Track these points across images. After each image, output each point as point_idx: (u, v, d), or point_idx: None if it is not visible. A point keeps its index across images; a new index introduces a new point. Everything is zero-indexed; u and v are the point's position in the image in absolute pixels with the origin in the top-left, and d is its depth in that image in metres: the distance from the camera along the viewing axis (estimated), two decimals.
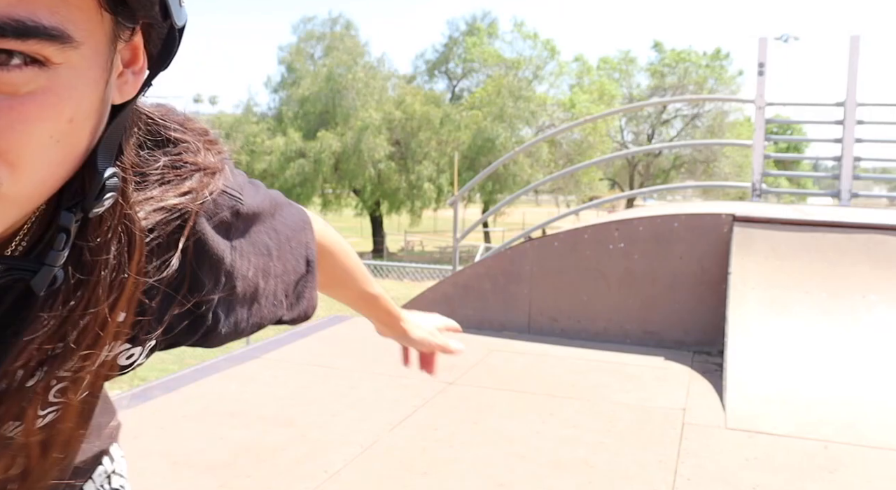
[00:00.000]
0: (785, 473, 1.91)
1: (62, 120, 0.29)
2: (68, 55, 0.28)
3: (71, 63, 0.28)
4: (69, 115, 0.29)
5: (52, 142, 0.29)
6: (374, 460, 1.96)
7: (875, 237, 2.98)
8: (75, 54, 0.28)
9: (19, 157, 0.28)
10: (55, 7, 0.27)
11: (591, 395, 2.56)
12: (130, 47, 0.33)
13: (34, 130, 0.28)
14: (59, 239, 0.34)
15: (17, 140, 0.27)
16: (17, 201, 0.29)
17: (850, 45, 4.40)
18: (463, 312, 3.59)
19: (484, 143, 19.42)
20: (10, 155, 0.27)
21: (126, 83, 0.33)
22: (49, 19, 0.27)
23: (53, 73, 0.28)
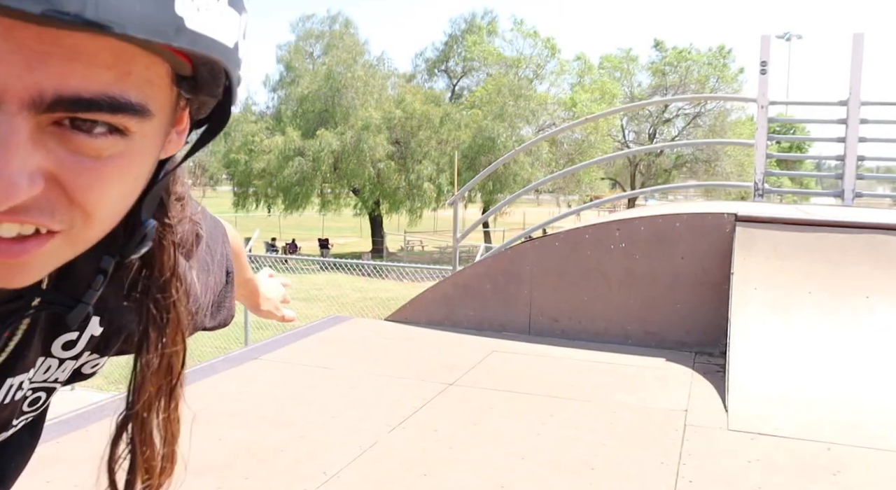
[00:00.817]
0: (787, 475, 1.90)
1: (130, 180, 0.34)
2: (144, 126, 0.33)
3: (144, 132, 0.33)
4: (136, 175, 0.35)
5: (120, 197, 0.34)
6: (373, 461, 1.95)
7: (878, 237, 2.96)
8: (149, 125, 0.33)
9: (95, 210, 0.33)
10: (142, 87, 0.32)
11: (592, 395, 2.54)
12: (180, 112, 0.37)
13: (110, 188, 0.33)
14: (97, 280, 0.40)
15: (96, 196, 0.32)
16: (81, 245, 0.35)
17: (853, 43, 4.38)
18: (463, 312, 3.58)
19: (484, 143, 19.40)
20: (88, 207, 0.33)
21: (171, 142, 0.38)
22: (136, 97, 0.31)
23: (130, 140, 0.32)
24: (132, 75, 0.31)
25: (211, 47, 0.32)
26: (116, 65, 0.30)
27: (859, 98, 4.34)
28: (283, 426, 2.17)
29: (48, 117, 0.30)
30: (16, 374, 0.44)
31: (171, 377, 0.46)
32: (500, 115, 19.68)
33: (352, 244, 22.40)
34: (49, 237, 0.33)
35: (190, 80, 0.34)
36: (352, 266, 9.22)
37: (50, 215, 0.32)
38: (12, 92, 0.29)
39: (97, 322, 0.46)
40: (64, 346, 0.46)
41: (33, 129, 0.30)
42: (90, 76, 0.30)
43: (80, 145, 0.31)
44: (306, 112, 20.15)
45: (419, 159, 19.53)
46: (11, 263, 0.32)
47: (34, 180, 0.30)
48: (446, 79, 24.17)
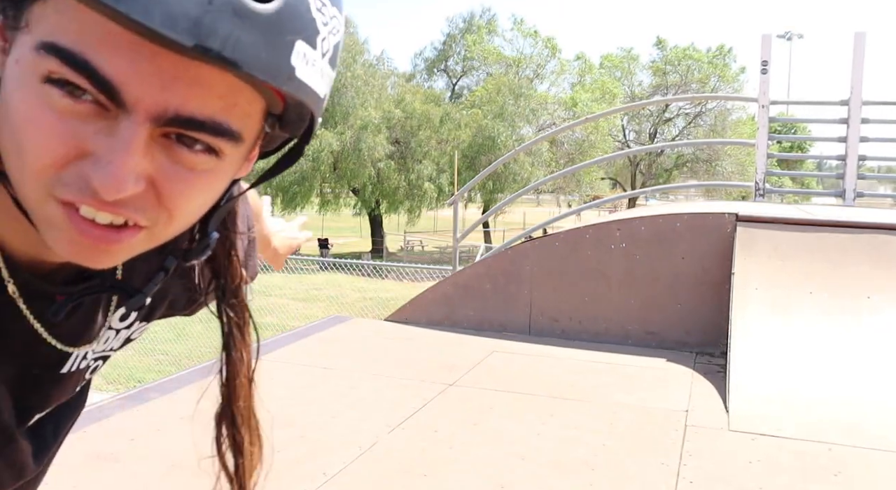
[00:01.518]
0: (788, 476, 1.89)
1: (212, 193, 0.39)
2: (234, 150, 0.38)
3: (232, 155, 0.38)
4: (217, 190, 0.40)
5: (200, 206, 0.40)
6: (373, 461, 1.94)
7: (879, 237, 2.96)
8: (237, 149, 0.38)
9: (178, 213, 0.38)
10: (242, 117, 0.37)
11: (592, 396, 2.54)
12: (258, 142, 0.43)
13: (195, 197, 0.38)
14: (158, 276, 0.47)
15: (182, 201, 0.37)
16: (158, 241, 0.39)
17: (854, 42, 4.37)
18: (463, 312, 3.57)
19: (484, 142, 19.38)
20: (173, 209, 0.37)
21: (243, 167, 0.43)
22: (236, 125, 0.37)
23: (220, 160, 0.38)
24: (237, 107, 0.36)
25: (309, 95, 0.38)
26: (227, 96, 0.35)
27: (861, 97, 4.33)
28: (283, 426, 2.17)
29: (162, 130, 0.35)
30: (81, 345, 0.49)
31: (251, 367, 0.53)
32: (500, 114, 19.66)
33: (351, 244, 22.40)
34: (138, 231, 0.38)
35: (277, 117, 0.40)
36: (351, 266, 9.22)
37: (141, 212, 0.37)
38: (143, 105, 0.34)
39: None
40: (121, 318, 0.52)
41: (149, 138, 0.35)
42: (205, 102, 0.35)
43: (181, 157, 0.36)
44: None
45: (419, 159, 19.52)
46: (103, 248, 0.37)
47: (139, 181, 0.35)
48: (446, 78, 24.17)
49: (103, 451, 1.96)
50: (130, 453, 1.95)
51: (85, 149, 0.34)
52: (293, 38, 0.35)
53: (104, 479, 1.80)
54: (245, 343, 0.52)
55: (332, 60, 0.40)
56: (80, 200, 0.35)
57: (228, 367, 0.52)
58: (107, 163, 0.34)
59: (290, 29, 0.35)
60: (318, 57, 0.37)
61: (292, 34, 0.35)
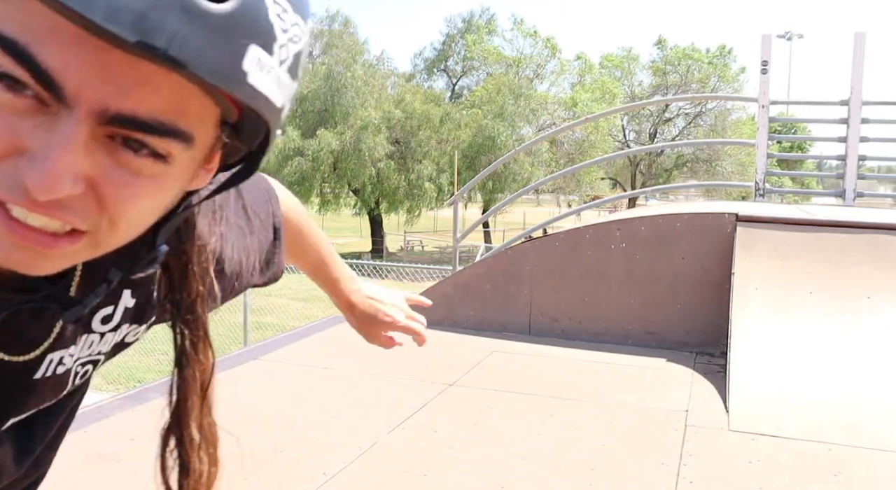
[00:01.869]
0: (788, 476, 1.89)
1: (158, 200, 0.37)
2: (184, 154, 0.36)
3: (182, 160, 0.36)
4: (164, 198, 0.38)
5: (145, 214, 0.38)
6: (373, 461, 1.94)
7: (879, 237, 2.96)
8: (188, 154, 0.36)
9: (121, 220, 0.36)
10: (192, 121, 0.35)
11: (592, 396, 2.54)
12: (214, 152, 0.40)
13: (139, 204, 0.36)
14: (101, 288, 0.44)
15: (125, 207, 0.36)
16: (101, 249, 0.37)
17: (854, 42, 4.37)
18: (463, 313, 3.57)
19: (484, 142, 19.38)
20: (116, 215, 0.36)
21: (199, 177, 0.40)
22: (185, 125, 0.35)
23: (168, 166, 0.36)
24: (187, 110, 0.35)
25: (263, 104, 0.36)
26: (175, 98, 0.34)
27: (861, 97, 4.33)
28: (283, 426, 2.17)
29: (104, 130, 0.33)
30: (54, 350, 0.47)
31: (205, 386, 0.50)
32: (500, 114, 19.66)
33: (351, 244, 22.40)
34: (77, 237, 0.36)
35: (232, 126, 0.38)
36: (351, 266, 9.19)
37: (80, 217, 0.35)
38: (84, 101, 0.32)
39: (129, 295, 0.50)
40: (103, 321, 0.49)
41: (90, 136, 0.33)
42: (150, 103, 0.33)
43: (125, 161, 0.34)
44: (305, 111, 20.13)
45: (419, 159, 19.51)
46: (38, 252, 0.35)
47: (77, 182, 0.33)
48: (446, 78, 24.16)
49: (103, 451, 1.96)
50: (130, 453, 1.95)
51: (21, 145, 0.32)
52: (247, 41, 0.33)
53: (104, 479, 1.80)
54: (199, 361, 0.49)
55: (293, 70, 0.37)
56: (12, 200, 0.33)
57: (179, 385, 0.49)
58: (42, 159, 0.32)
59: (244, 32, 0.33)
60: (275, 64, 0.35)
61: (246, 38, 0.33)
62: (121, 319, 0.51)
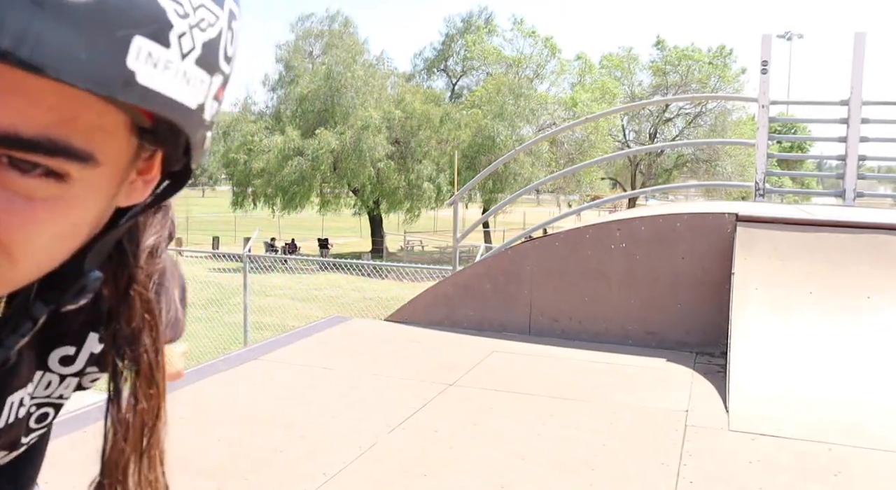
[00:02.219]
0: (788, 476, 1.89)
1: (67, 224, 0.32)
2: (87, 173, 0.31)
3: (88, 179, 0.31)
4: (74, 221, 0.32)
5: (53, 241, 0.32)
6: (373, 461, 1.94)
7: (879, 237, 2.96)
8: (94, 172, 0.31)
9: (20, 252, 0.31)
10: (90, 133, 0.30)
11: (592, 396, 2.54)
12: (147, 161, 0.35)
13: (40, 231, 0.31)
14: (24, 326, 0.37)
15: (23, 238, 0.30)
16: (5, 287, 0.32)
17: (854, 42, 4.37)
18: (463, 312, 3.57)
19: (484, 142, 19.38)
20: (12, 248, 0.30)
21: (135, 190, 0.35)
22: (80, 143, 0.29)
23: (69, 185, 0.30)
24: (79, 121, 0.29)
25: (165, 106, 0.30)
26: (61, 108, 0.28)
27: (861, 97, 4.33)
28: (283, 426, 2.17)
29: None
30: (13, 390, 0.42)
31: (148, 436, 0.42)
32: (499, 114, 19.66)
33: (351, 244, 22.39)
34: None
35: (151, 132, 0.33)
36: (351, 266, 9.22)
37: None
38: None
39: (96, 339, 0.45)
40: (62, 361, 0.45)
41: None
42: (31, 116, 0.28)
43: (12, 183, 0.29)
44: (305, 111, 20.13)
45: (419, 159, 19.51)
46: None
47: None
48: (445, 78, 24.17)
49: None
50: None
51: None
52: (128, 33, 0.28)
53: None
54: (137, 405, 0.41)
55: (206, 61, 0.32)
56: None
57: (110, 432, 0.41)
58: None
59: (122, 22, 0.27)
60: (176, 57, 0.30)
61: (125, 28, 0.28)
62: (85, 363, 0.46)
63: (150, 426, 0.42)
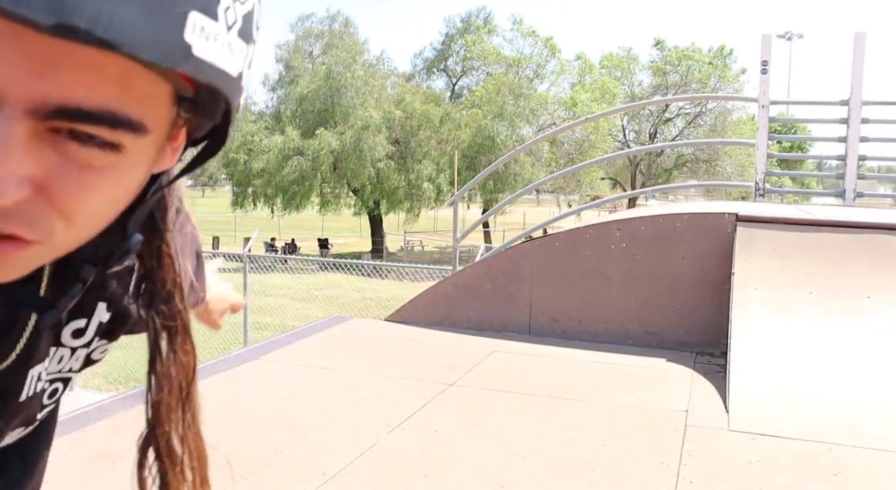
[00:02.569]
0: (788, 476, 1.89)
1: (118, 190, 0.35)
2: (138, 142, 0.33)
3: (138, 148, 0.33)
4: (124, 187, 0.35)
5: (104, 208, 0.35)
6: (373, 461, 1.94)
7: (879, 237, 2.96)
8: (143, 141, 0.34)
9: (77, 216, 0.33)
10: (143, 103, 0.32)
11: (592, 396, 2.54)
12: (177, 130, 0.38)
13: (94, 198, 0.33)
14: (74, 288, 0.40)
15: (79, 204, 0.33)
16: (60, 250, 0.35)
17: (854, 42, 4.37)
18: (463, 312, 3.57)
19: (484, 142, 19.39)
20: (70, 213, 0.33)
21: (165, 157, 0.38)
22: (136, 114, 0.32)
23: (122, 154, 0.33)
24: (135, 91, 0.31)
25: (214, 75, 0.33)
26: (120, 81, 0.31)
27: (861, 97, 4.33)
28: (283, 426, 2.17)
29: (47, 125, 0.30)
30: (34, 364, 0.45)
31: (186, 388, 0.46)
32: (499, 114, 19.66)
33: (351, 244, 22.40)
34: (26, 245, 0.33)
35: (190, 101, 0.35)
36: (351, 266, 9.22)
37: (28, 226, 0.32)
38: (15, 97, 0.29)
39: (104, 308, 0.47)
40: (74, 335, 0.47)
41: (30, 135, 0.30)
42: (95, 89, 0.30)
43: (73, 153, 0.31)
44: (305, 111, 20.14)
45: (419, 159, 19.52)
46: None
47: (22, 186, 0.31)
48: (445, 78, 24.17)
49: (103, 451, 1.95)
50: (130, 453, 1.94)
51: None
52: (184, 9, 0.30)
53: (104, 479, 1.80)
54: (177, 358, 0.45)
55: (245, 33, 0.34)
56: None
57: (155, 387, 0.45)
58: None
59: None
60: (223, 30, 0.32)
61: (183, 5, 0.30)
62: (94, 334, 0.47)
63: (189, 380, 0.46)
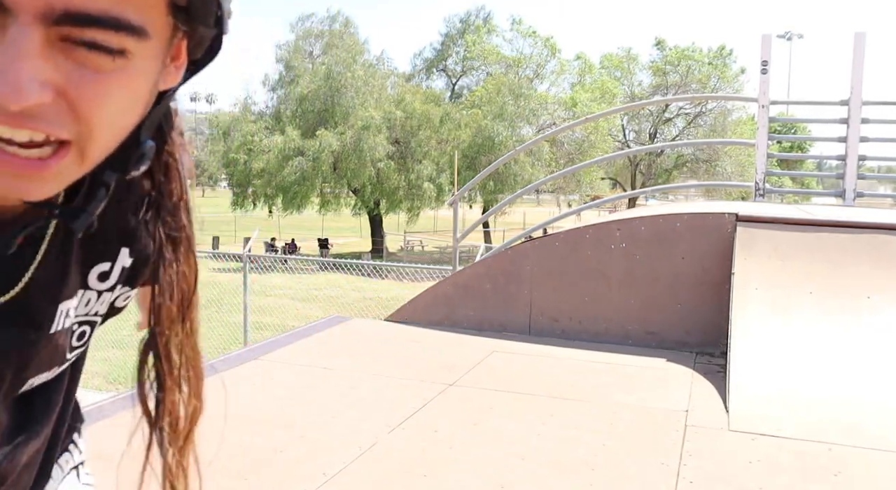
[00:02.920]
0: (788, 476, 1.89)
1: (130, 95, 0.38)
2: (142, 47, 0.36)
3: (142, 54, 0.37)
4: (135, 93, 0.38)
5: (120, 112, 0.38)
6: (373, 461, 1.94)
7: (879, 237, 2.96)
8: (146, 47, 0.37)
9: (96, 123, 0.36)
10: (141, 9, 0.35)
11: (592, 396, 2.54)
12: (177, 46, 0.41)
13: (110, 101, 0.36)
14: (100, 193, 0.43)
15: (97, 107, 0.36)
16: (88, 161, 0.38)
17: (854, 42, 4.37)
18: (463, 313, 3.57)
19: (484, 142, 19.39)
20: (89, 118, 0.36)
21: (169, 74, 0.41)
22: (135, 19, 0.35)
23: (129, 60, 0.36)
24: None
25: None
26: None
27: (861, 97, 4.33)
28: (283, 426, 2.17)
29: (57, 32, 0.33)
30: (64, 299, 0.47)
31: (188, 298, 0.49)
32: (500, 114, 19.66)
33: (351, 244, 22.40)
34: (64, 153, 0.36)
35: (184, 10, 0.38)
36: (351, 266, 9.22)
37: (59, 125, 0.35)
38: (25, 5, 0.32)
39: (127, 253, 0.50)
40: (99, 278, 0.50)
41: (44, 41, 0.33)
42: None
43: (85, 60, 0.35)
44: (306, 111, 20.13)
45: (419, 159, 19.52)
46: (31, 175, 0.36)
47: (44, 88, 0.34)
48: (445, 78, 24.17)
49: (104, 450, 1.96)
50: (129, 453, 1.94)
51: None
52: None
53: (104, 479, 1.80)
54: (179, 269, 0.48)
55: None
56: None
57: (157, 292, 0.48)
58: (4, 72, 0.32)
59: None
60: None
61: None
62: (117, 279, 0.50)
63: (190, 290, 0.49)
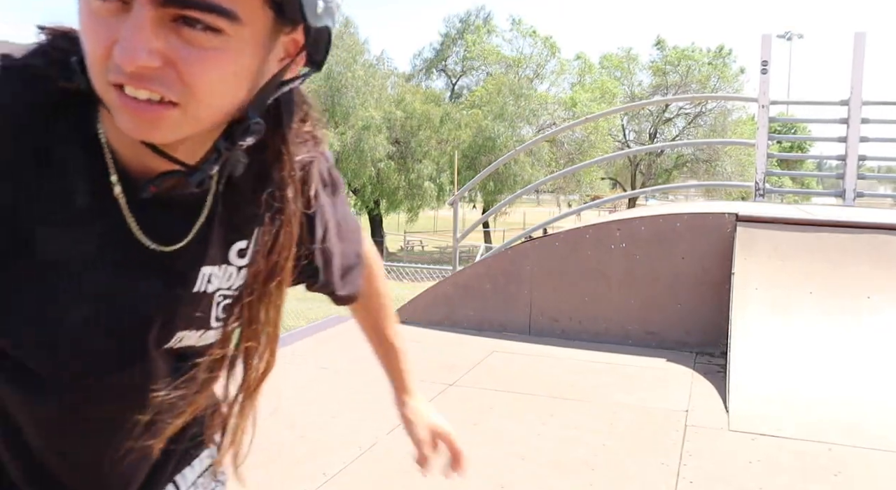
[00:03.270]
0: (788, 476, 1.89)
1: (229, 71, 0.44)
2: (236, 29, 0.43)
3: (238, 36, 0.43)
4: (234, 70, 0.45)
5: (220, 84, 0.44)
6: (373, 461, 1.94)
7: (879, 237, 2.96)
8: (242, 30, 0.43)
9: (198, 88, 0.43)
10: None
11: (592, 396, 2.54)
12: (293, 41, 0.48)
13: (210, 73, 0.43)
14: (213, 156, 0.49)
15: (199, 76, 0.43)
16: (195, 121, 0.45)
17: (854, 42, 4.37)
18: (463, 313, 3.57)
19: (484, 142, 19.38)
20: (193, 85, 0.43)
21: (288, 67, 0.48)
22: (226, 3, 0.42)
23: (225, 39, 0.43)
24: None
25: None
26: None
27: (861, 97, 4.33)
28: (283, 426, 2.17)
29: (165, 13, 0.41)
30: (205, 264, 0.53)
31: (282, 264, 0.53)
32: (500, 114, 19.65)
33: None
34: (171, 106, 0.43)
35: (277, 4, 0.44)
36: None
37: (169, 88, 0.43)
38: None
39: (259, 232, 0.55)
40: (239, 254, 0.55)
41: (155, 20, 0.41)
42: None
43: (188, 37, 0.42)
44: None
45: (419, 159, 19.51)
46: (148, 120, 0.43)
47: (153, 55, 0.41)
48: (445, 78, 24.16)
49: None
50: None
51: (116, 38, 0.42)
52: None
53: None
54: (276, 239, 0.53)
55: None
56: (120, 80, 0.42)
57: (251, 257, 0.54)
58: (123, 41, 0.41)
59: None
60: None
61: None
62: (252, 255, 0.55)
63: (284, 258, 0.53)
